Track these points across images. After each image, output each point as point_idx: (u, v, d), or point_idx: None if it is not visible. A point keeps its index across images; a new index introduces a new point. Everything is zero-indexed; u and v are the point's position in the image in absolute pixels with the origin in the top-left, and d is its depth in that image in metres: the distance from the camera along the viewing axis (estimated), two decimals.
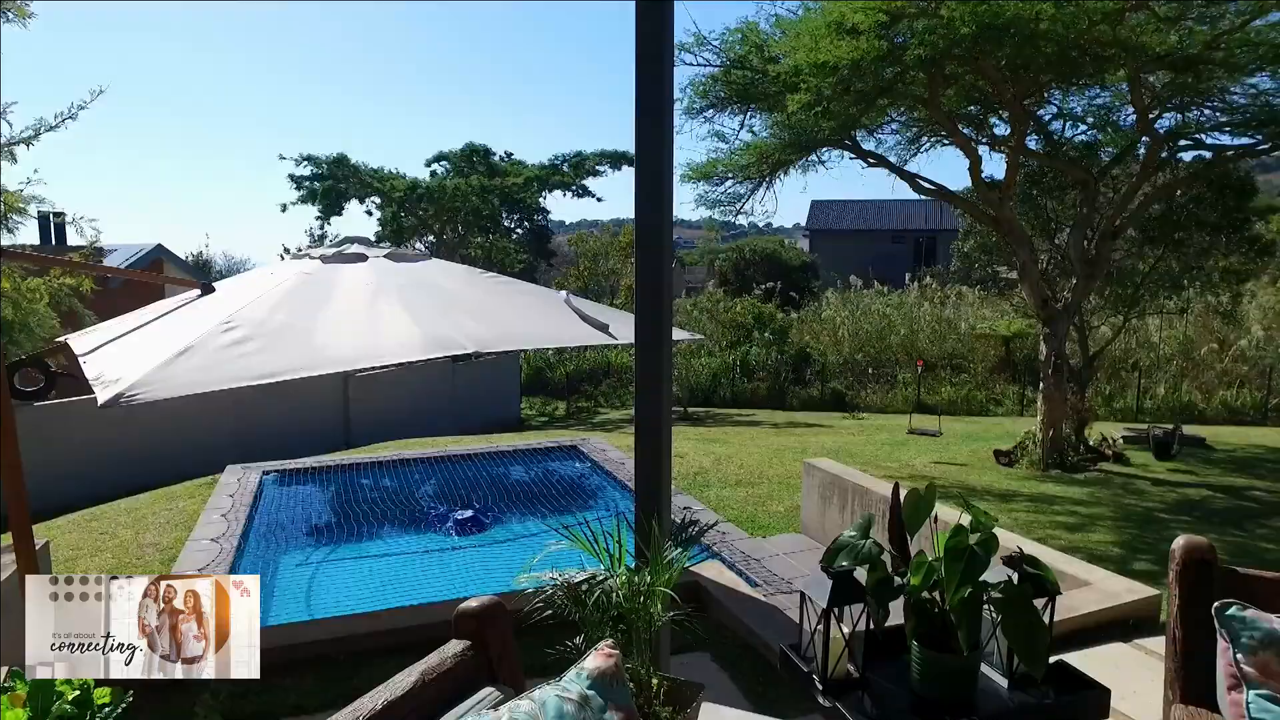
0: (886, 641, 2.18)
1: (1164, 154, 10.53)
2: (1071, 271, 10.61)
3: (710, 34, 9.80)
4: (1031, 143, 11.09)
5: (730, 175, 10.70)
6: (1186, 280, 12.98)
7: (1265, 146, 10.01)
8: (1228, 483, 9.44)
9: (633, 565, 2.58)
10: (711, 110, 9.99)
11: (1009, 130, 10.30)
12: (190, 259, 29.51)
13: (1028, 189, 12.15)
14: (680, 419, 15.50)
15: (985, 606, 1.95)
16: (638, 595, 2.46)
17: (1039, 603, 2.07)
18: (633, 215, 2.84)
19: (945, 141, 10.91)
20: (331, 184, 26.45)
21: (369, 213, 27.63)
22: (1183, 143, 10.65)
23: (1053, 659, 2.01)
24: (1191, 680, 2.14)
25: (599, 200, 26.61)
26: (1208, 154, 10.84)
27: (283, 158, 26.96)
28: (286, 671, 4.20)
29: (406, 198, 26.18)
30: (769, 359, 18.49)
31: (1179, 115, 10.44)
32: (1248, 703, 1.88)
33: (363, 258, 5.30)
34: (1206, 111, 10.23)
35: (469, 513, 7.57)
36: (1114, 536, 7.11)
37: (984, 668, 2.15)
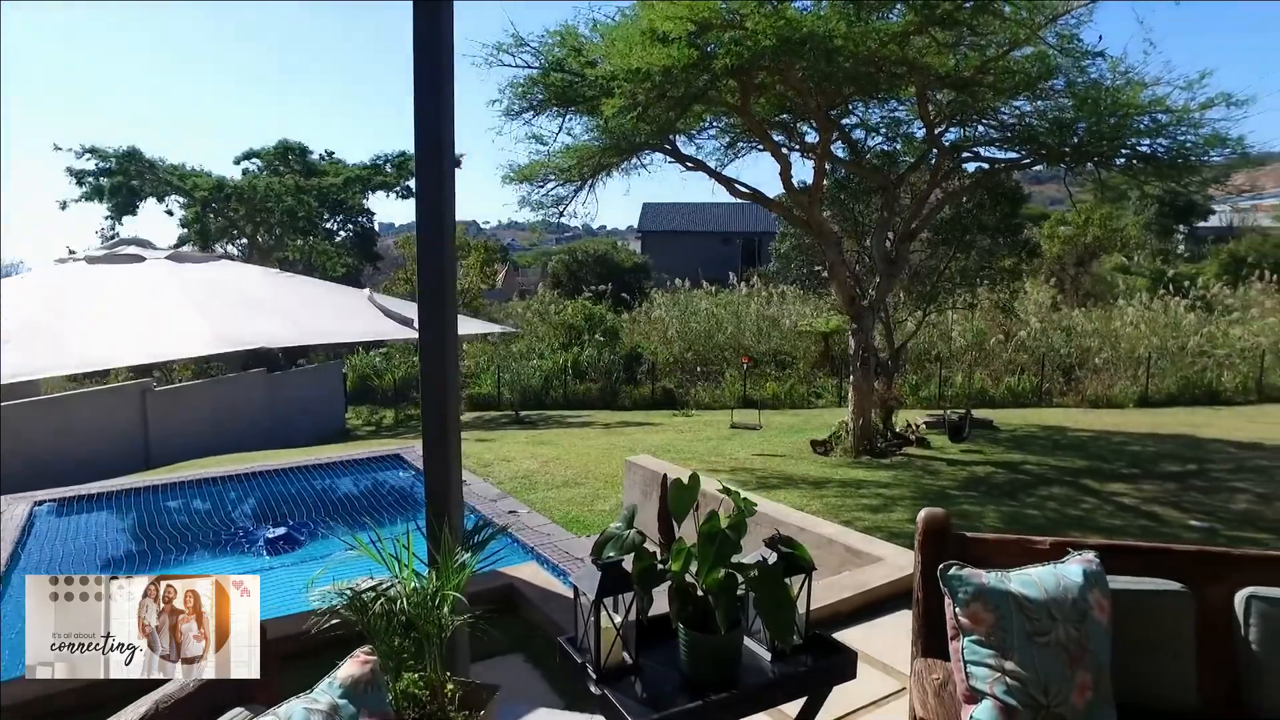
0: (663, 627, 2.26)
1: (949, 164, 11.56)
2: (876, 270, 11.42)
3: (529, 35, 9.82)
4: (839, 151, 11.87)
5: (552, 177, 10.73)
6: (974, 278, 14.32)
7: (1027, 161, 11.22)
8: (1008, 459, 10.47)
9: (424, 571, 2.53)
10: (531, 112, 9.97)
11: (818, 138, 10.96)
12: None
13: (836, 193, 12.97)
14: (511, 422, 15.38)
15: (741, 586, 2.05)
16: (426, 601, 2.42)
17: (796, 579, 2.21)
18: (458, 218, 2.79)
19: (760, 147, 11.45)
20: (122, 180, 24.10)
21: (169, 213, 25.50)
22: (965, 155, 11.75)
23: (845, 630, 2.14)
24: (930, 635, 2.35)
25: None
26: (986, 165, 12.02)
27: (59, 148, 24.12)
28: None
29: (213, 197, 24.34)
30: (601, 360, 18.70)
31: (961, 130, 11.50)
32: (963, 648, 2.09)
33: (139, 259, 4.88)
34: (982, 127, 11.33)
35: (281, 530, 7.16)
36: (911, 514, 7.67)
37: (750, 643, 2.27)
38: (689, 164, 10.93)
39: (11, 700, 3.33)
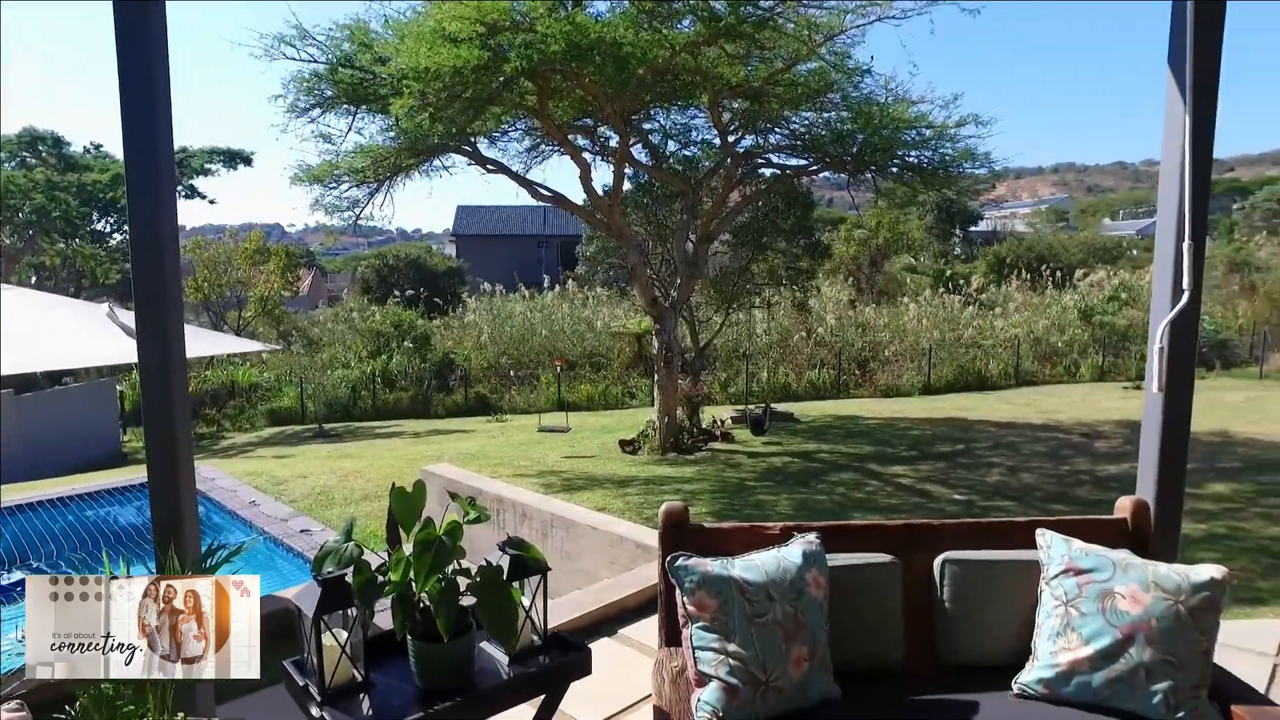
0: (400, 641, 2.18)
1: (743, 169, 12.14)
2: (678, 272, 11.79)
3: (315, 29, 9.33)
4: (641, 155, 12.15)
5: (346, 178, 10.26)
6: (779, 279, 15.15)
7: (815, 168, 12.00)
8: (804, 449, 11.13)
9: None
10: (319, 109, 9.48)
11: (618, 142, 11.15)
12: None
13: (639, 197, 13.27)
14: (315, 436, 14.57)
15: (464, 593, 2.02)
16: None
17: (532, 580, 2.21)
18: (256, 220, 2.55)
19: (562, 151, 11.50)
20: None
21: None
22: (759, 161, 12.39)
23: (631, 625, 2.14)
24: (672, 625, 2.42)
25: (212, 202, 23.60)
26: (778, 171, 12.73)
27: None
28: None
29: None
30: (411, 367, 18.12)
31: (755, 137, 12.12)
32: (692, 635, 2.18)
33: None
34: (775, 136, 11.99)
35: (16, 576, 6.34)
36: (710, 507, 8.00)
37: (487, 647, 2.24)
38: (490, 166, 10.81)
39: None
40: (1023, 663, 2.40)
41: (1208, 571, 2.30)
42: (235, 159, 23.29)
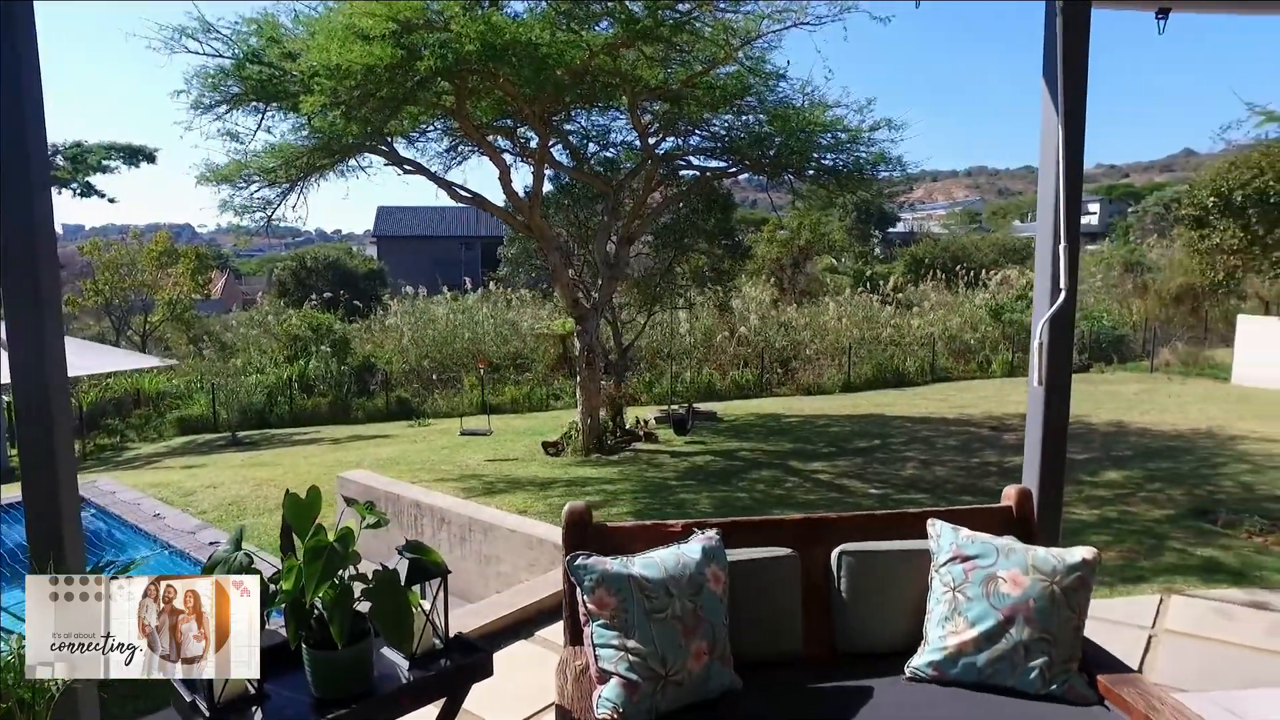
0: (295, 650, 2.14)
1: (663, 171, 12.24)
2: (599, 273, 11.81)
3: (219, 22, 9.01)
4: (563, 157, 12.13)
5: (256, 178, 9.94)
6: (704, 280, 15.33)
7: (734, 170, 12.20)
8: (726, 447, 11.28)
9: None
10: (225, 106, 9.16)
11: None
12: None
13: (561, 199, 13.25)
14: (228, 445, 14.08)
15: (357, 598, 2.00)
16: (15, 665, 2.12)
17: (432, 583, 2.20)
18: (165, 221, 2.43)
19: (481, 151, 11.39)
20: None
21: None
22: (680, 163, 12.51)
23: (547, 627, 2.13)
24: (575, 625, 2.44)
25: (112, 201, 22.05)
26: (698, 173, 12.88)
27: None
28: None
29: None
30: (330, 372, 17.67)
31: (676, 140, 12.23)
32: (592, 633, 2.21)
33: None
34: (695, 138, 12.13)
35: None
36: (631, 507, 8.04)
37: (387, 652, 2.22)
38: (408, 167, 10.63)
39: None
40: (916, 647, 2.51)
41: (1080, 553, 2.44)
42: (137, 155, 22.10)
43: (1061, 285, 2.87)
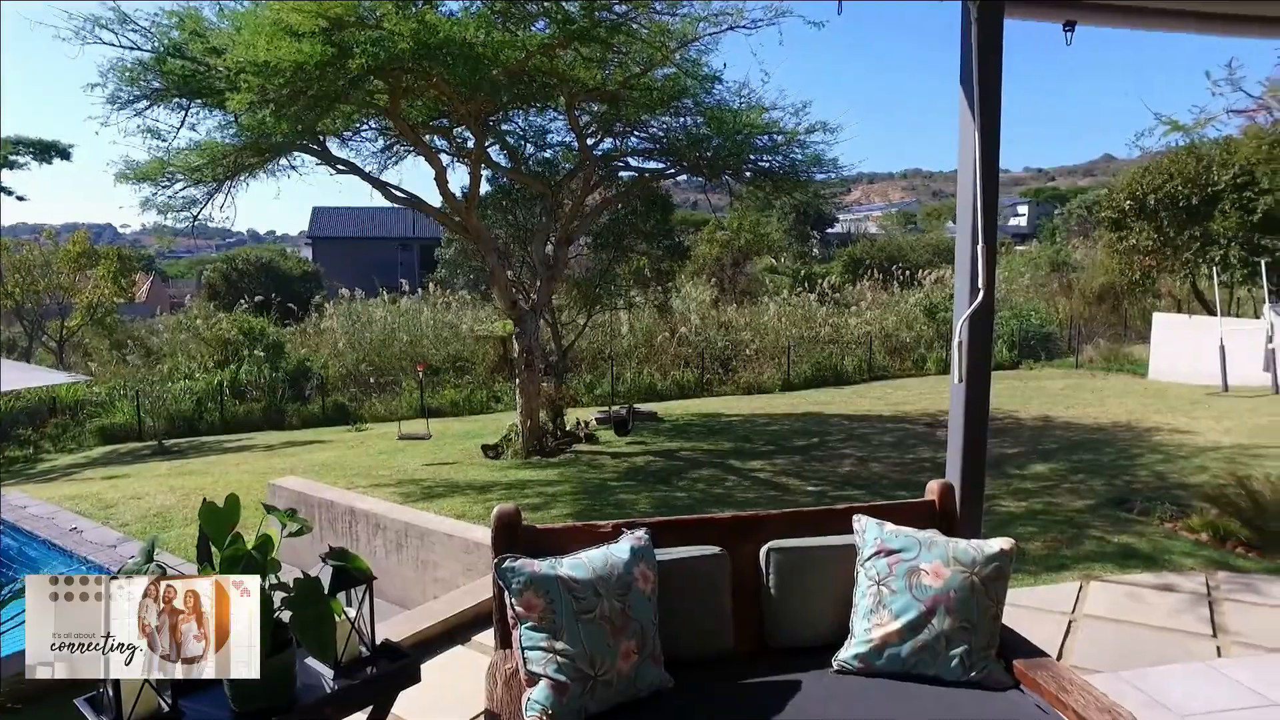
0: None
1: (601, 172, 12.24)
2: (539, 275, 11.75)
3: (136, 13, 8.71)
4: (501, 158, 12.03)
5: (180, 177, 9.63)
6: (645, 281, 15.37)
7: (672, 171, 12.27)
8: (667, 447, 11.33)
9: None
10: (145, 102, 8.85)
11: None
12: None
13: (499, 199, 13.15)
14: (153, 454, 13.60)
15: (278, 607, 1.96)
16: None
17: (357, 591, 2.16)
18: (84, 220, 2.30)
19: (416, 151, 11.22)
20: None
21: None
22: (618, 164, 12.53)
23: (486, 631, 2.09)
24: (504, 627, 2.43)
25: (21, 199, 20.83)
26: (636, 174, 12.92)
27: None
28: None
29: None
30: (263, 377, 17.20)
31: (614, 141, 12.24)
32: (521, 636, 2.20)
33: None
34: (634, 140, 12.16)
35: None
36: (571, 509, 8.02)
37: (313, 662, 2.18)
38: (341, 167, 10.42)
39: None
40: (843, 641, 2.56)
41: (997, 544, 2.52)
42: (49, 151, 20.98)
43: (979, 285, 2.97)
